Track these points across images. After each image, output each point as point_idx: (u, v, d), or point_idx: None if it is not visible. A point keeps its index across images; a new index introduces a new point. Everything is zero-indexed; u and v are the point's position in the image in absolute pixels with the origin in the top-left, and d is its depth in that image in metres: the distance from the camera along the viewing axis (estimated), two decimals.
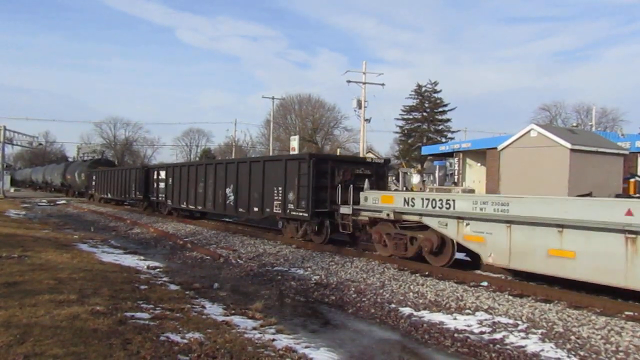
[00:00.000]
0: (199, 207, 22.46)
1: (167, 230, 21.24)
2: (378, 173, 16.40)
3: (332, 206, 14.91)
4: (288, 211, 16.02)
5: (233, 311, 8.42)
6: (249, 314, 8.25)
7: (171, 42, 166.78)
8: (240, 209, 18.93)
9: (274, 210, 16.80)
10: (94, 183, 40.66)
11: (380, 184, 16.07)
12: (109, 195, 36.54)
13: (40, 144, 74.53)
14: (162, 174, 26.77)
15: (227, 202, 19.70)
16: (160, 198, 27.13)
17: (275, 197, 16.67)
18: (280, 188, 16.35)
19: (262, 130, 74.01)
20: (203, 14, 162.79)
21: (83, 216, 30.20)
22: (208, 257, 14.71)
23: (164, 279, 11.21)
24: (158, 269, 12.49)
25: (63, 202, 41.79)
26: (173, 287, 10.27)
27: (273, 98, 56.59)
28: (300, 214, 15.44)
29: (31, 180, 71.31)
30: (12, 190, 59.66)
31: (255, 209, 17.97)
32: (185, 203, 23.71)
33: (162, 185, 26.76)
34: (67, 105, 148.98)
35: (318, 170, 15.13)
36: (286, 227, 16.98)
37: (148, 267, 12.55)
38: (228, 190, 19.67)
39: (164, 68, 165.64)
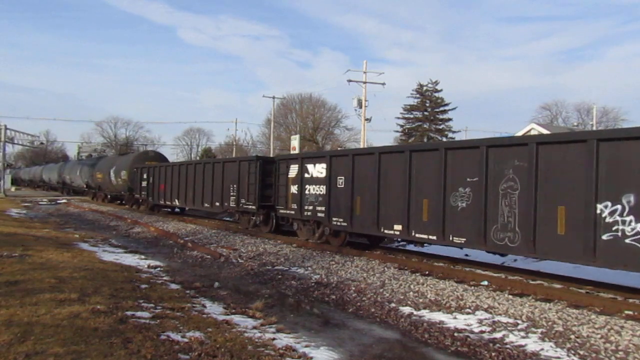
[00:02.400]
0: (493, 244, 10.10)
1: (167, 230, 21.24)
2: None
3: None
4: None
5: (233, 310, 8.43)
6: (250, 313, 8.26)
7: (173, 41, 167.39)
8: None
9: None
10: (144, 184, 29.14)
11: None
12: (176, 202, 25.47)
13: (42, 143, 74.62)
14: (315, 169, 15.29)
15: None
16: (307, 213, 15.49)
17: None
18: None
19: (263, 130, 74.15)
20: (205, 13, 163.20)
21: (84, 215, 30.22)
22: (209, 256, 14.73)
23: (165, 278, 11.23)
24: (158, 268, 12.51)
25: (64, 201, 41.79)
26: (173, 286, 10.29)
27: (274, 97, 56.73)
28: None
29: (42, 180, 63.16)
30: (12, 189, 59.72)
31: None
32: (413, 230, 11.80)
33: (312, 189, 15.32)
34: (68, 105, 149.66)
35: None
36: None
37: (149, 266, 12.57)
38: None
39: (165, 67, 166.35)
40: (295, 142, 41.12)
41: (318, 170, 15.14)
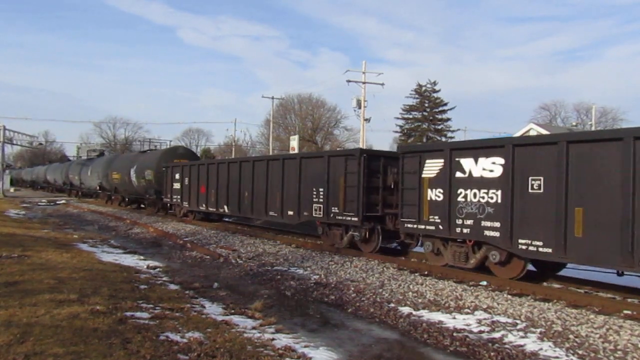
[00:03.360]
0: None
1: (167, 230, 21.23)
2: None
3: None
4: None
5: (232, 311, 8.44)
6: (249, 314, 8.26)
7: (172, 41, 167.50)
8: None
9: None
10: (177, 186, 24.60)
11: None
12: (224, 209, 20.54)
13: (41, 144, 74.40)
14: (477, 165, 10.65)
15: None
16: (464, 229, 10.76)
17: None
18: None
19: (262, 130, 74.06)
20: (205, 14, 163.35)
21: (83, 216, 30.20)
22: (208, 257, 14.73)
23: (164, 278, 11.23)
24: (158, 269, 12.51)
25: (63, 201, 41.75)
26: (173, 286, 10.29)
27: (273, 98, 56.73)
28: None
29: (45, 181, 59.85)
30: (12, 190, 59.66)
31: None
32: None
33: (472, 194, 10.69)
34: (67, 105, 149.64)
35: None
36: None
37: (148, 267, 12.57)
38: None
39: (165, 67, 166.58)
40: (294, 143, 41.14)
41: (485, 166, 10.53)
